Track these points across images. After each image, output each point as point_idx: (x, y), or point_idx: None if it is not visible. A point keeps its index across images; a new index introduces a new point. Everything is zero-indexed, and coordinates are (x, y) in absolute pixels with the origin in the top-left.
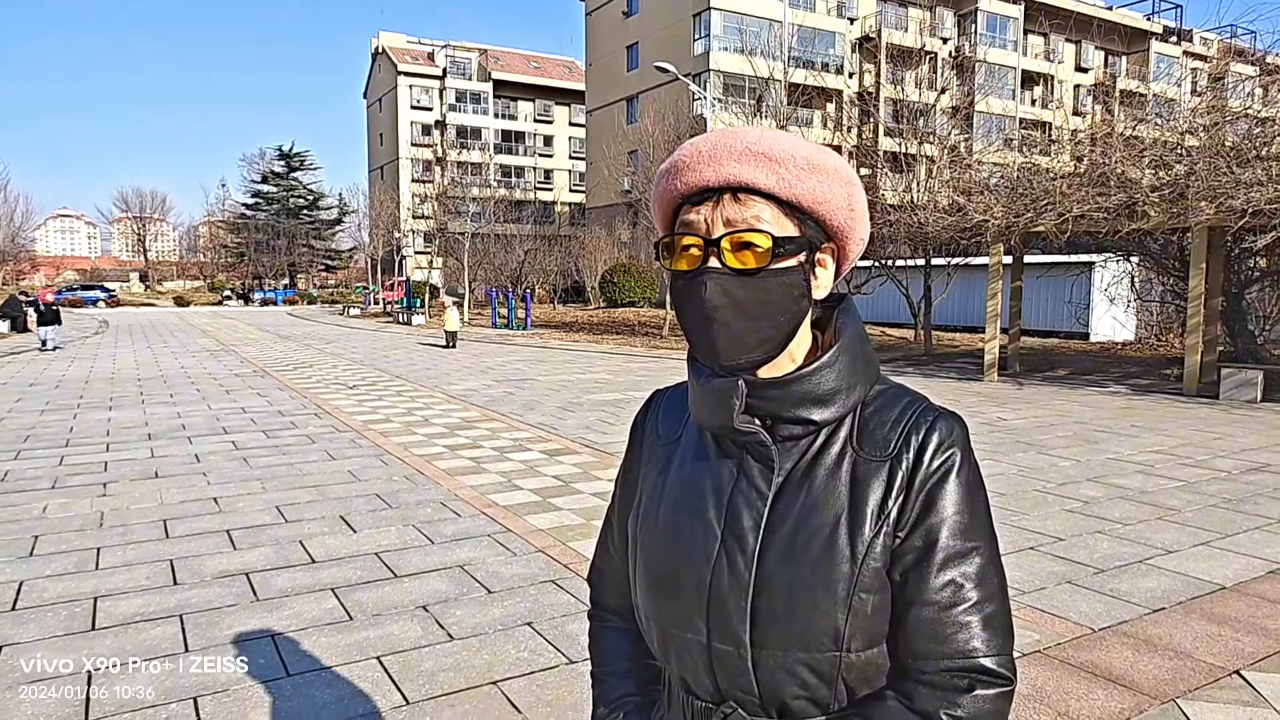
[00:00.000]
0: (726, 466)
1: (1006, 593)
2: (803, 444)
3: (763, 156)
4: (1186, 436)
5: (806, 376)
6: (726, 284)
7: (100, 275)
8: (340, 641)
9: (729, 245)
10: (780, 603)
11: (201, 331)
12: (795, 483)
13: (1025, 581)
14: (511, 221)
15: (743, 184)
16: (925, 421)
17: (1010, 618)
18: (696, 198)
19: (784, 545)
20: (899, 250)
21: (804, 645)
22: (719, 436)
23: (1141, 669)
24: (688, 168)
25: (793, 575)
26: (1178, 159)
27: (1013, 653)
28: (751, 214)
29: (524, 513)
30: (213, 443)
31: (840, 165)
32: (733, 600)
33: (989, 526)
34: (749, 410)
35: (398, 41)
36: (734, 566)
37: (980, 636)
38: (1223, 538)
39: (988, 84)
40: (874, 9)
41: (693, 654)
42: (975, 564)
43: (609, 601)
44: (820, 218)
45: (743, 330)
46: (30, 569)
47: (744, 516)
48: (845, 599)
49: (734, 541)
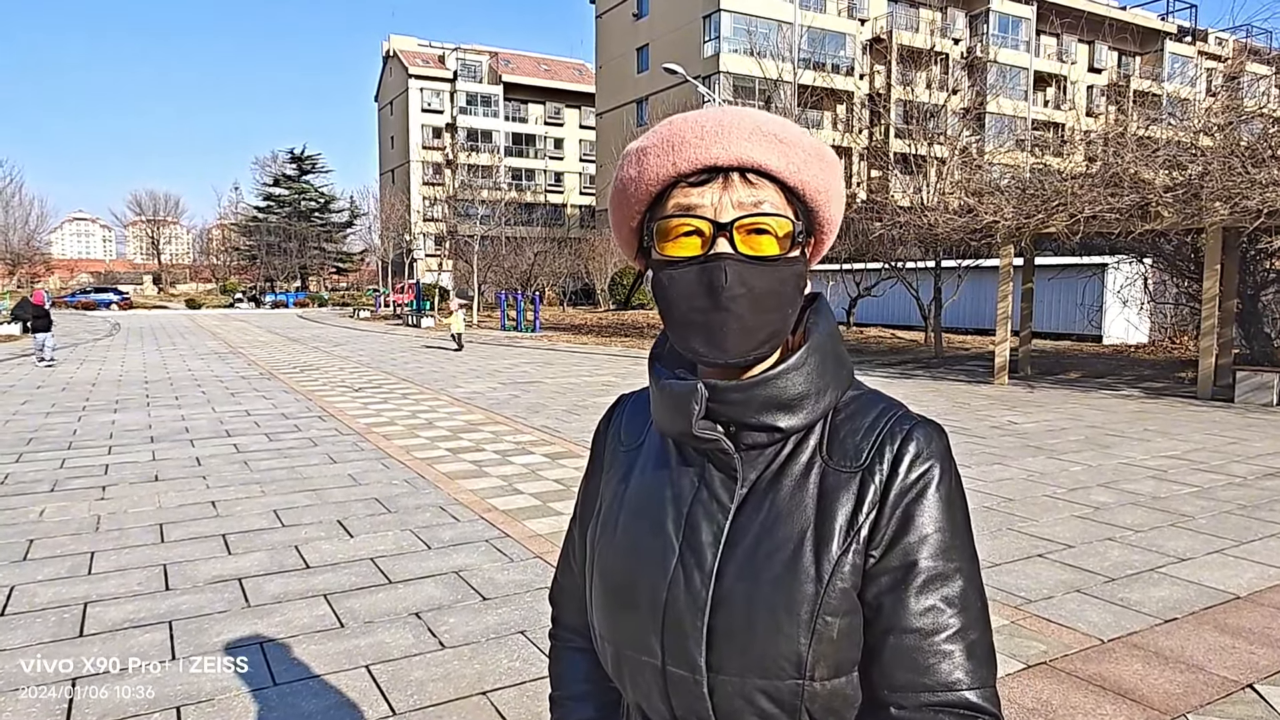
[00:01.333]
0: (687, 476)
1: (989, 617)
2: (769, 453)
3: (774, 138)
4: (1201, 441)
5: (772, 380)
6: (745, 272)
7: (114, 278)
8: (330, 649)
9: (744, 229)
10: (738, 624)
11: (211, 334)
12: (759, 494)
13: (1033, 590)
14: (521, 224)
15: (755, 165)
16: (901, 430)
17: (993, 645)
18: (698, 178)
19: (744, 561)
20: (909, 252)
21: (763, 671)
22: (680, 443)
23: (1152, 682)
24: (687, 144)
25: (752, 593)
26: (1191, 159)
27: (995, 684)
28: (762, 197)
29: (523, 517)
30: (215, 446)
31: (833, 155)
32: (689, 619)
33: (970, 545)
34: (710, 415)
35: (409, 45)
36: (690, 583)
37: (964, 667)
38: (1237, 545)
39: (999, 85)
40: (884, 10)
41: (647, 678)
42: (957, 587)
43: (570, 620)
44: (816, 207)
45: (755, 323)
46: (23, 574)
47: (703, 530)
48: (809, 621)
49: (691, 556)
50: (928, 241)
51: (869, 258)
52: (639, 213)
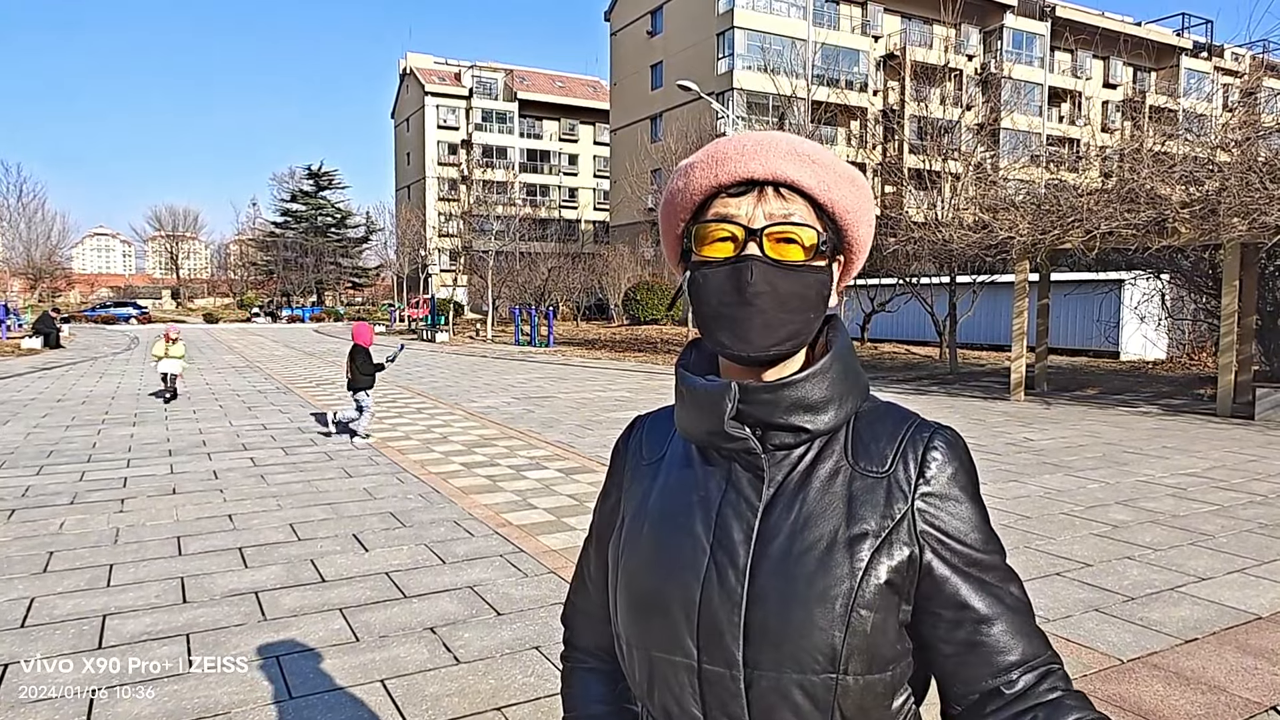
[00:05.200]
0: (714, 478)
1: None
2: (794, 456)
3: (807, 158)
4: (1220, 458)
5: (800, 382)
6: (770, 273)
7: (134, 292)
8: (345, 663)
9: (772, 236)
10: (774, 618)
11: (228, 348)
12: (788, 495)
13: (1051, 609)
14: (536, 239)
15: (788, 180)
16: (923, 436)
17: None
18: (737, 189)
19: (778, 558)
20: (924, 268)
21: (799, 665)
22: (705, 449)
23: (1172, 703)
24: (729, 159)
25: (787, 589)
26: (1209, 175)
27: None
28: (794, 210)
29: (538, 532)
30: (232, 459)
31: (865, 181)
32: (724, 616)
33: (995, 532)
34: (738, 418)
35: (425, 62)
36: (725, 581)
37: (1035, 634)
38: (1258, 565)
39: (1013, 100)
40: (898, 26)
41: (680, 679)
42: (1005, 572)
43: (584, 641)
44: (845, 227)
45: (778, 321)
46: (43, 585)
47: (734, 529)
48: (843, 615)
49: (724, 555)
50: (942, 257)
51: (884, 273)
52: (683, 220)
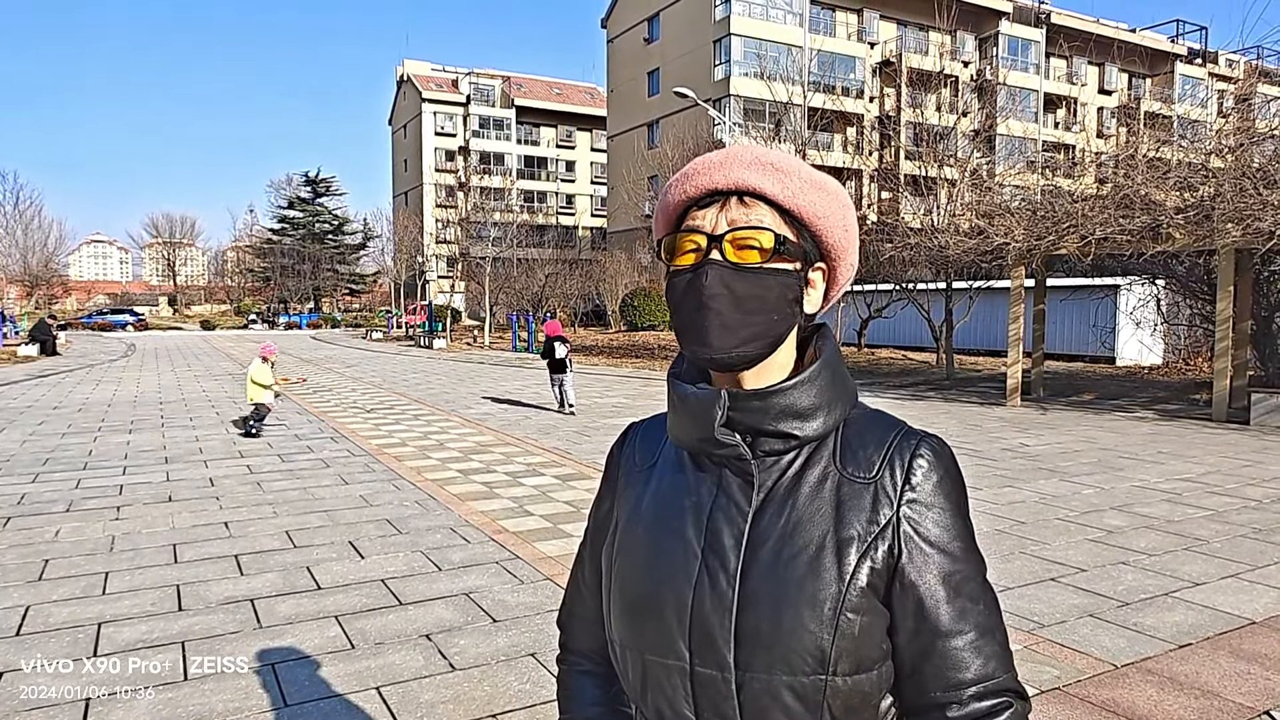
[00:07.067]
0: (705, 484)
1: (999, 604)
2: (783, 462)
3: (770, 166)
4: (1215, 464)
5: (789, 389)
6: (726, 276)
7: (131, 299)
8: (341, 671)
9: (732, 242)
10: (765, 621)
11: (225, 355)
12: (778, 500)
13: (1045, 614)
14: (533, 246)
15: (749, 188)
16: (910, 444)
17: (1005, 627)
18: (704, 201)
19: (768, 562)
20: (920, 273)
21: (789, 667)
22: (696, 455)
23: (1166, 709)
24: (698, 174)
25: (777, 592)
26: (1203, 180)
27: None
28: (755, 216)
29: (534, 539)
30: (228, 466)
31: (839, 188)
32: (716, 619)
33: (977, 545)
34: (728, 425)
35: (423, 69)
36: (716, 585)
37: (999, 657)
38: (1253, 570)
39: (1009, 107)
40: (894, 34)
41: (672, 682)
42: (979, 586)
43: (579, 644)
44: (817, 232)
45: (736, 322)
46: (38, 594)
47: (724, 534)
48: (832, 618)
49: (715, 559)
50: (938, 263)
51: (880, 279)
52: (664, 234)
